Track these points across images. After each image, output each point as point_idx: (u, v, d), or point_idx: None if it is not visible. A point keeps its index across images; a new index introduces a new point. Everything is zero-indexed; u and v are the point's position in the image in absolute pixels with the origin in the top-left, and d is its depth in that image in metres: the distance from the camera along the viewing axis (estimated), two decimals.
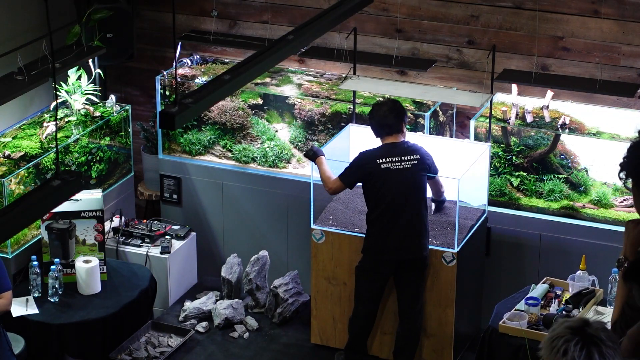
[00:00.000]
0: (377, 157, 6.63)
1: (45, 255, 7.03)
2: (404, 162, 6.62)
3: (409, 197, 6.61)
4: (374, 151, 6.69)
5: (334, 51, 7.64)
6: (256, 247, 7.69)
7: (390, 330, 6.98)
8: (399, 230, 6.60)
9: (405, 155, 6.64)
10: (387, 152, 6.64)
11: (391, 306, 6.92)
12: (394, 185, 6.59)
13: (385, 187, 6.60)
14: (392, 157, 6.62)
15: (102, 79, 7.99)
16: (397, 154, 6.63)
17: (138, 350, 6.96)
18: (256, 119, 7.84)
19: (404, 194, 6.60)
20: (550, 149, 7.19)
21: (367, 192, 6.69)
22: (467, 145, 7.25)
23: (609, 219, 7.11)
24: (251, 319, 7.39)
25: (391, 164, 6.61)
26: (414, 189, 6.62)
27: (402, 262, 6.66)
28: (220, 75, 5.36)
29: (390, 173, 6.60)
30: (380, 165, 6.61)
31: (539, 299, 6.46)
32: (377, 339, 7.04)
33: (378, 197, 6.62)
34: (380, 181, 6.60)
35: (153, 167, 8.22)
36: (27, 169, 7.16)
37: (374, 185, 6.63)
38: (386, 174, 6.60)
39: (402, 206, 6.59)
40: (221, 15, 8.13)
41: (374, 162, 6.62)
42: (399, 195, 6.59)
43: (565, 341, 3.09)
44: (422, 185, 6.66)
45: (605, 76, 7.21)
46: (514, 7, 7.39)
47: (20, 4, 7.61)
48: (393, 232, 6.60)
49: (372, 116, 6.73)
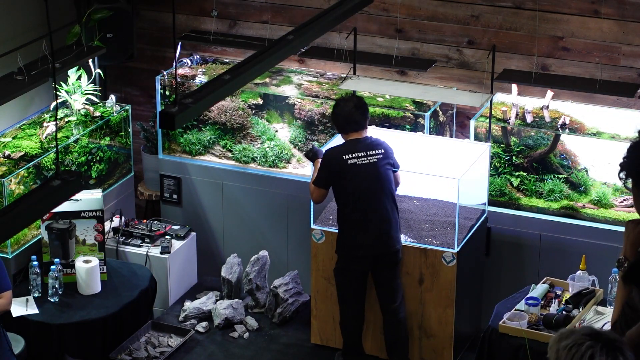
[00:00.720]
0: (343, 154, 6.66)
1: (45, 255, 7.03)
2: (370, 156, 6.65)
3: (378, 191, 6.62)
4: (339, 148, 6.73)
5: (334, 51, 7.64)
6: (256, 247, 7.69)
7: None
8: (370, 225, 6.61)
9: (371, 150, 6.66)
10: (352, 147, 6.67)
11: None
12: (362, 180, 6.61)
13: (353, 183, 6.61)
14: (358, 152, 6.64)
15: (102, 79, 7.99)
16: (362, 149, 6.66)
17: (138, 350, 6.96)
18: (256, 119, 7.84)
19: (372, 188, 6.61)
20: (550, 149, 7.19)
21: (336, 190, 6.70)
22: (467, 145, 7.25)
23: (609, 219, 7.11)
24: (251, 319, 7.38)
25: (357, 159, 6.63)
26: (382, 183, 6.64)
27: (377, 257, 6.68)
28: (220, 75, 5.36)
29: (358, 168, 6.62)
30: (347, 161, 6.63)
31: (539, 299, 6.46)
32: (376, 339, 7.04)
33: (347, 193, 6.64)
34: (348, 177, 6.62)
35: (153, 167, 8.22)
36: (27, 169, 7.16)
37: (342, 182, 6.65)
38: (353, 169, 6.62)
39: (372, 200, 6.61)
40: (221, 15, 8.13)
41: (340, 158, 6.64)
42: (367, 190, 6.61)
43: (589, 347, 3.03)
44: (389, 178, 6.69)
45: (605, 76, 7.21)
46: (514, 7, 7.39)
47: (20, 4, 7.61)
48: (365, 228, 6.62)
49: (338, 113, 6.73)
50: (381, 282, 6.79)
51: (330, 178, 6.69)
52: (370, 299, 6.90)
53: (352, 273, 6.76)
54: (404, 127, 7.49)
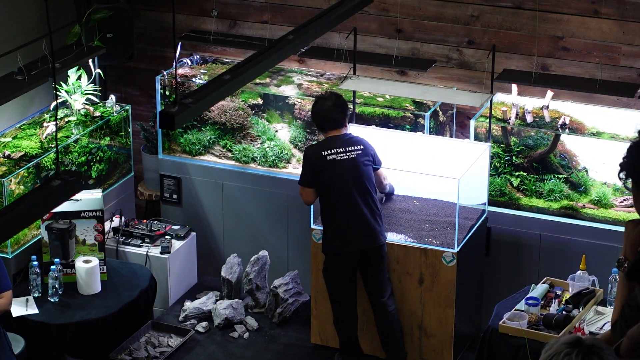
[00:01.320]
0: (322, 150, 6.68)
1: (45, 255, 7.02)
2: (349, 152, 6.67)
3: (358, 186, 6.64)
4: (318, 145, 6.76)
5: (334, 51, 7.64)
6: (256, 247, 7.69)
7: None
8: (355, 222, 6.63)
9: (350, 146, 6.68)
10: (332, 144, 6.69)
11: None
12: (341, 175, 6.63)
13: (333, 178, 6.64)
14: (337, 149, 6.67)
15: (102, 79, 7.99)
16: (341, 145, 6.68)
17: (138, 350, 6.96)
18: (256, 119, 7.84)
19: (352, 183, 6.63)
20: (550, 149, 7.19)
21: (317, 187, 6.71)
22: (467, 145, 7.25)
23: (609, 219, 7.11)
24: (251, 319, 7.38)
25: (337, 155, 6.66)
26: (362, 178, 6.66)
27: (363, 253, 6.69)
28: (220, 75, 5.36)
29: (336, 164, 6.64)
30: (326, 157, 6.65)
31: (539, 299, 6.46)
32: (374, 338, 7.03)
33: (327, 189, 6.66)
34: (328, 172, 6.64)
35: (153, 167, 8.21)
36: (27, 169, 7.16)
37: (322, 178, 6.66)
38: (332, 165, 6.64)
39: (352, 196, 6.62)
40: (221, 15, 8.13)
41: (319, 154, 6.67)
42: (347, 185, 6.63)
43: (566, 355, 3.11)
44: (369, 174, 6.71)
45: (605, 76, 7.21)
46: (514, 7, 7.39)
47: (20, 4, 7.61)
48: (348, 224, 6.64)
49: (317, 111, 6.75)
50: (368, 278, 6.81)
51: (313, 175, 6.70)
52: (363, 298, 6.90)
53: (340, 271, 6.77)
54: (404, 127, 7.49)
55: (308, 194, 6.77)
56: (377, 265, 6.77)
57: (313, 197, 6.79)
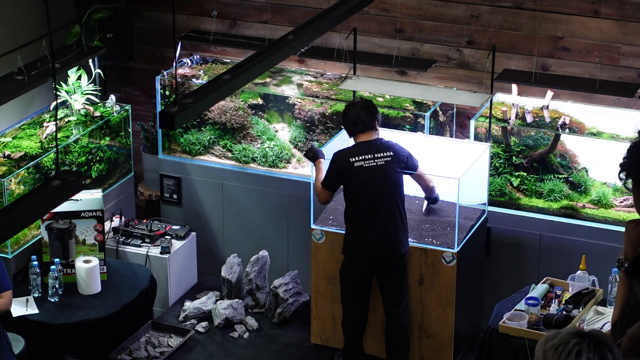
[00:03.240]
0: (350, 156, 6.66)
1: (45, 255, 7.03)
2: (377, 159, 6.64)
3: (384, 194, 6.62)
4: (347, 150, 6.74)
5: (334, 51, 7.64)
6: (256, 247, 7.69)
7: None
8: (375, 228, 6.61)
9: (379, 152, 6.66)
10: (360, 150, 6.67)
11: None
12: (368, 183, 6.61)
13: (359, 185, 6.61)
14: (365, 155, 6.64)
15: (102, 79, 7.99)
16: (370, 151, 6.65)
17: (138, 350, 6.96)
18: (256, 119, 7.84)
19: (378, 191, 6.61)
20: (550, 149, 7.19)
21: (344, 191, 6.71)
22: (467, 145, 7.25)
23: (609, 219, 7.11)
24: (251, 319, 7.39)
25: (364, 161, 6.63)
26: (389, 186, 6.63)
27: (382, 260, 6.67)
28: (220, 75, 5.36)
29: (364, 171, 6.62)
30: (354, 163, 6.63)
31: (539, 299, 6.46)
32: (376, 339, 7.04)
33: (353, 195, 6.65)
34: (355, 179, 6.62)
35: (153, 167, 8.22)
36: (27, 169, 7.16)
37: (348, 184, 6.65)
38: (360, 171, 6.62)
39: (378, 203, 6.60)
40: (221, 15, 8.13)
41: (347, 160, 6.65)
42: (373, 193, 6.60)
43: (576, 344, 3.06)
44: (398, 181, 6.67)
45: (605, 76, 7.21)
46: (514, 7, 7.39)
47: (20, 4, 7.61)
48: (370, 230, 6.61)
49: (345, 115, 6.77)
50: (385, 285, 6.78)
51: (337, 180, 6.69)
52: (372, 300, 6.90)
53: (355, 274, 6.75)
54: (404, 127, 7.49)
55: (326, 196, 6.76)
56: (395, 274, 6.74)
57: (330, 199, 6.80)
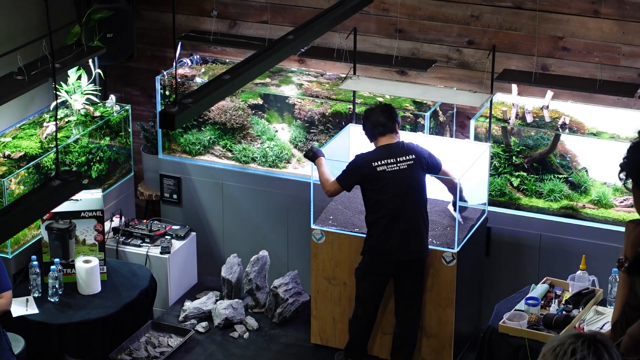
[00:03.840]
0: (372, 160, 6.64)
1: (45, 255, 7.03)
2: (400, 163, 6.62)
3: (407, 198, 6.60)
4: (370, 154, 6.70)
5: (334, 51, 7.64)
6: (256, 247, 7.69)
7: (390, 331, 6.97)
8: (398, 232, 6.59)
9: (401, 156, 6.64)
10: (383, 154, 6.65)
11: (392, 306, 6.91)
12: (390, 188, 6.59)
13: (382, 190, 6.59)
14: (388, 159, 6.62)
15: (102, 79, 7.99)
16: (393, 155, 6.63)
17: (138, 350, 6.96)
18: (256, 119, 7.84)
19: (401, 196, 6.59)
20: (550, 149, 7.19)
21: (365, 195, 6.70)
22: (467, 145, 7.25)
23: (609, 219, 7.11)
24: (251, 319, 7.39)
25: (387, 166, 6.61)
26: (412, 190, 6.62)
27: (402, 263, 6.66)
28: (220, 75, 5.36)
29: (386, 175, 6.60)
30: (376, 168, 6.61)
31: (539, 299, 6.46)
32: (378, 339, 7.04)
33: (376, 200, 6.62)
34: (377, 184, 6.60)
35: (153, 167, 8.22)
36: (27, 169, 7.16)
37: (371, 189, 6.63)
38: (382, 176, 6.60)
39: (401, 207, 6.59)
40: (221, 15, 8.13)
41: (370, 165, 6.62)
42: (396, 197, 6.59)
43: (571, 343, 3.12)
44: (420, 184, 6.66)
45: (605, 76, 7.21)
46: (514, 7, 7.39)
47: (20, 4, 7.61)
48: (393, 234, 6.59)
49: (366, 118, 6.75)
50: (401, 288, 6.77)
51: (356, 182, 6.68)
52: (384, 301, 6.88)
53: (373, 276, 6.74)
54: (404, 127, 7.48)
55: (337, 190, 6.73)
56: (414, 278, 6.72)
57: (338, 193, 6.78)
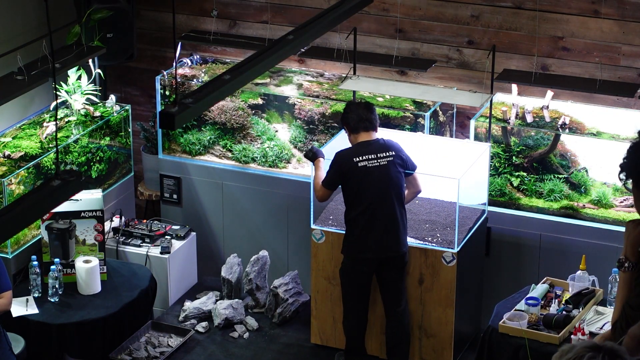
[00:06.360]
0: (353, 156, 6.65)
1: (45, 255, 7.03)
2: (380, 159, 6.64)
3: (387, 194, 6.62)
4: (350, 150, 6.72)
5: (334, 51, 7.64)
6: (256, 247, 7.69)
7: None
8: (378, 228, 6.60)
9: (381, 152, 6.66)
10: (363, 150, 6.66)
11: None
12: (372, 183, 6.60)
13: (363, 186, 6.60)
14: (368, 155, 6.64)
15: (102, 79, 7.99)
16: (373, 151, 6.65)
17: (138, 350, 6.96)
18: (256, 119, 7.84)
19: (382, 191, 6.61)
20: (550, 149, 7.19)
21: (345, 191, 6.70)
22: (467, 145, 7.25)
23: (609, 219, 7.11)
24: (251, 319, 7.39)
25: (368, 161, 6.63)
26: (392, 186, 6.63)
27: (383, 260, 6.67)
28: (220, 75, 5.36)
29: (368, 171, 6.61)
30: (358, 163, 6.62)
31: (539, 299, 6.46)
32: (377, 339, 7.04)
33: (356, 196, 6.63)
34: (358, 180, 6.61)
35: (153, 167, 8.22)
36: (27, 169, 7.16)
37: (351, 184, 6.64)
38: (363, 172, 6.61)
39: (381, 203, 6.60)
40: (221, 15, 8.13)
41: (351, 161, 6.63)
42: (377, 193, 6.60)
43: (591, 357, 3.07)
44: (400, 181, 6.68)
45: (605, 76, 7.21)
46: (514, 7, 7.39)
47: (20, 4, 7.61)
48: (372, 230, 6.61)
49: (350, 111, 6.73)
50: (386, 285, 6.78)
51: (339, 180, 6.69)
52: (371, 300, 6.89)
53: (357, 274, 6.75)
54: (404, 127, 7.49)
55: (325, 194, 6.75)
56: (396, 274, 6.74)
57: (328, 197, 6.79)
